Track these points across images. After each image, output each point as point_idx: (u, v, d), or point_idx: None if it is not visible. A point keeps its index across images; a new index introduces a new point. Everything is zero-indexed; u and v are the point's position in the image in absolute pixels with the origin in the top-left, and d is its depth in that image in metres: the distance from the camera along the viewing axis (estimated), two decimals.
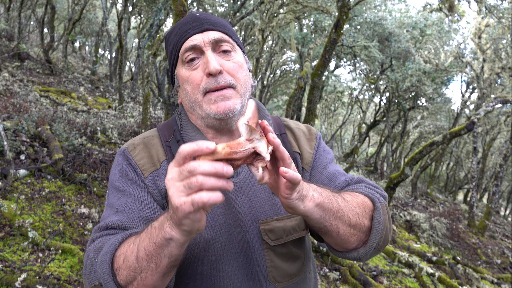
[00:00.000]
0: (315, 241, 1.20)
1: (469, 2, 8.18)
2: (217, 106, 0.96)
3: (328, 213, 0.86)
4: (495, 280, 5.82)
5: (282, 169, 0.73)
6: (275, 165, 0.78)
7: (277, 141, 0.72)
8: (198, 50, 0.99)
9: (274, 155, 0.74)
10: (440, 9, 8.67)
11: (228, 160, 0.68)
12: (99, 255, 0.85)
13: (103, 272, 0.81)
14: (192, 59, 0.99)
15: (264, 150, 0.69)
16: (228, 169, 0.66)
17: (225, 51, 1.00)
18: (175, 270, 0.84)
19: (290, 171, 0.73)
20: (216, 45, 0.99)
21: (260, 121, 0.73)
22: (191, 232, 0.72)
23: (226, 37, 1.01)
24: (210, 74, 0.95)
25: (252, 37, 12.91)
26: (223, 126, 1.02)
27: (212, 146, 0.66)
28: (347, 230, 0.91)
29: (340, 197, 0.91)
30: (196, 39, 0.98)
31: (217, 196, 0.65)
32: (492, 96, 10.30)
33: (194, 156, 0.68)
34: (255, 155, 0.71)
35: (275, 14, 8.24)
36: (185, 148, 0.67)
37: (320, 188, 0.88)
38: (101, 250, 0.87)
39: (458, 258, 6.47)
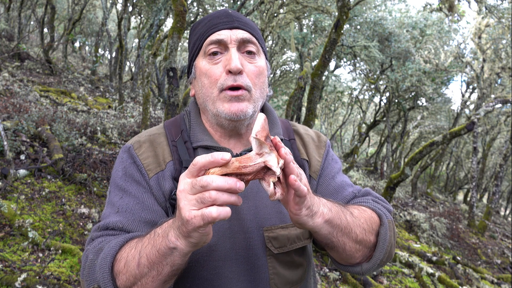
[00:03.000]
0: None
1: (469, 2, 8.17)
2: (230, 106, 0.95)
3: (336, 229, 0.86)
4: (495, 280, 5.82)
5: (292, 177, 0.71)
6: (285, 180, 0.77)
7: (289, 157, 0.71)
8: (223, 45, 0.97)
9: (284, 171, 0.73)
10: (440, 9, 8.66)
11: (238, 175, 0.68)
12: (99, 257, 0.84)
13: (103, 276, 0.80)
14: (215, 53, 0.98)
15: (275, 164, 0.68)
16: (240, 184, 0.66)
17: (249, 52, 0.99)
18: (176, 278, 0.83)
19: (299, 182, 0.72)
20: (242, 44, 0.98)
21: (272, 137, 0.72)
22: (197, 244, 0.72)
23: (254, 39, 1.00)
24: (230, 72, 0.94)
25: None
26: (232, 128, 1.01)
27: (227, 157, 0.66)
28: (353, 246, 0.90)
29: (349, 212, 0.90)
30: (224, 34, 0.97)
31: (226, 212, 0.66)
32: (492, 96, 10.30)
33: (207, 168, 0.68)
34: (266, 170, 0.70)
35: (275, 14, 8.23)
36: (200, 160, 0.67)
37: (330, 203, 0.87)
38: (100, 251, 0.86)
39: (458, 258, 6.46)
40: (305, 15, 9.59)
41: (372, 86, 14.74)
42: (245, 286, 0.95)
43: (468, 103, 14.40)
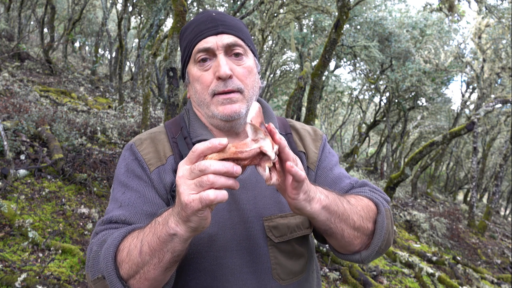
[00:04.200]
0: (316, 241, 1.20)
1: (469, 2, 8.18)
2: (224, 108, 1.00)
3: (333, 215, 0.88)
4: (495, 280, 5.82)
5: (289, 163, 0.73)
6: (281, 166, 0.79)
7: (283, 142, 0.73)
8: (211, 52, 1.01)
9: (280, 156, 0.75)
10: (440, 9, 8.67)
11: (234, 160, 0.70)
12: (102, 248, 0.86)
13: (106, 265, 0.83)
14: (204, 60, 1.02)
15: (270, 149, 0.71)
16: (237, 168, 0.69)
17: (237, 54, 1.03)
18: (177, 265, 0.85)
19: (296, 167, 0.74)
20: (228, 48, 1.02)
21: (266, 124, 0.75)
22: (196, 229, 0.75)
23: (240, 42, 1.03)
24: (219, 78, 0.98)
25: (252, 37, 12.91)
26: (228, 128, 1.05)
27: (225, 142, 0.69)
28: (351, 232, 0.92)
29: (346, 200, 0.93)
30: (210, 42, 1.01)
31: (223, 194, 0.68)
32: (492, 96, 10.30)
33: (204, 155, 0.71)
34: (262, 156, 0.72)
35: (275, 14, 8.24)
36: (199, 146, 0.70)
37: (327, 191, 0.89)
38: (104, 243, 0.88)
39: (458, 258, 6.47)
40: (305, 15, 9.59)
41: (372, 86, 14.74)
42: (247, 277, 0.97)
43: (468, 103, 14.41)
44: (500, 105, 8.76)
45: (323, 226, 0.89)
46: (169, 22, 15.08)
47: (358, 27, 11.04)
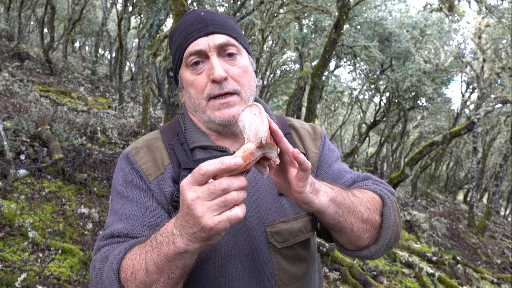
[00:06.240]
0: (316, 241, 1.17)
1: (469, 2, 8.18)
2: (221, 113, 0.96)
3: (341, 208, 0.85)
4: (495, 280, 5.82)
5: (295, 150, 0.71)
6: (282, 163, 0.77)
7: (281, 132, 0.71)
8: (203, 54, 0.97)
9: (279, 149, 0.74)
10: (440, 9, 8.66)
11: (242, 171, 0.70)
12: (105, 266, 0.84)
13: (110, 284, 0.81)
14: (197, 63, 0.98)
15: (275, 155, 0.70)
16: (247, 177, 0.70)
17: (230, 54, 0.99)
18: (185, 278, 0.84)
19: (302, 155, 0.72)
20: (221, 49, 0.97)
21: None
22: (212, 242, 0.73)
23: (232, 41, 0.99)
24: (214, 81, 0.94)
25: (252, 37, 12.91)
26: (226, 131, 1.02)
27: (240, 161, 0.66)
28: (360, 225, 0.89)
29: (350, 193, 0.90)
30: (201, 44, 0.96)
31: (245, 207, 0.68)
32: (492, 96, 10.30)
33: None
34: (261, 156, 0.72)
35: (275, 14, 8.24)
36: (209, 168, 0.66)
37: (331, 184, 0.87)
38: (106, 260, 0.86)
39: (458, 258, 6.46)
40: (305, 15, 9.59)
41: (372, 86, 14.74)
42: (250, 283, 0.95)
43: (468, 103, 14.41)
44: (500, 105, 8.76)
45: (332, 220, 0.85)
46: (169, 22, 15.10)
47: (358, 27, 11.05)
